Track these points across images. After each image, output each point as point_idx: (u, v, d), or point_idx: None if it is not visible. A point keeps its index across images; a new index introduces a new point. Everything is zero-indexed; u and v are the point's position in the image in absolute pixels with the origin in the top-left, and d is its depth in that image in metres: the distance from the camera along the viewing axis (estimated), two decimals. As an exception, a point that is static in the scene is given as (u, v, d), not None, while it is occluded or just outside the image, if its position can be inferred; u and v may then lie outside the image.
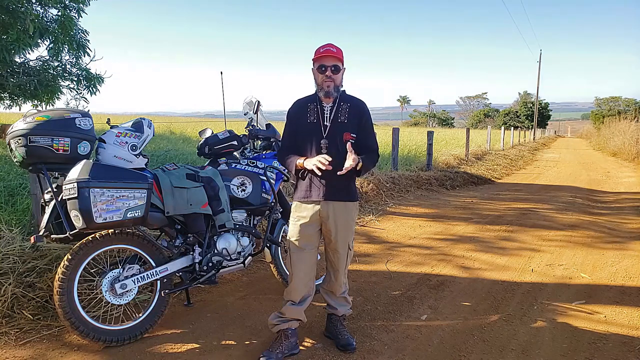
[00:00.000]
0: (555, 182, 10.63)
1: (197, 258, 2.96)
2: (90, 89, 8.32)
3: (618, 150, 18.76)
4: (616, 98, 62.78)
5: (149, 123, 2.91)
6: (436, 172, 9.83)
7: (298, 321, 2.66)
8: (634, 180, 11.02)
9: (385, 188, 7.71)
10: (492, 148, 16.99)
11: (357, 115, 2.60)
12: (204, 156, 3.33)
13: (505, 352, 2.71)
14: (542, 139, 34.14)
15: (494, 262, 4.42)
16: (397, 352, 2.69)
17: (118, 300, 2.66)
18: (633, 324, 3.10)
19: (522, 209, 7.09)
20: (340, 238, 2.61)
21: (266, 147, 3.57)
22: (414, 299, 3.48)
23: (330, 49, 2.52)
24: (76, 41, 7.77)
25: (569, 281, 3.93)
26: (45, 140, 2.46)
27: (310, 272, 2.64)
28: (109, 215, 2.46)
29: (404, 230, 5.64)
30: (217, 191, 2.98)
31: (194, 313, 3.15)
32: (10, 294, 2.87)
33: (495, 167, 12.57)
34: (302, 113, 2.63)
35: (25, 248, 3.24)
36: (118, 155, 2.69)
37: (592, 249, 4.91)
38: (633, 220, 6.34)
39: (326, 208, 2.57)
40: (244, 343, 2.77)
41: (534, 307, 3.37)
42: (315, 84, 2.61)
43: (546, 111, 60.31)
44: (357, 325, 3.01)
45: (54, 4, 7.43)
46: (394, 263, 4.34)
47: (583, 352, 2.72)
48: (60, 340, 2.72)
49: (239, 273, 3.89)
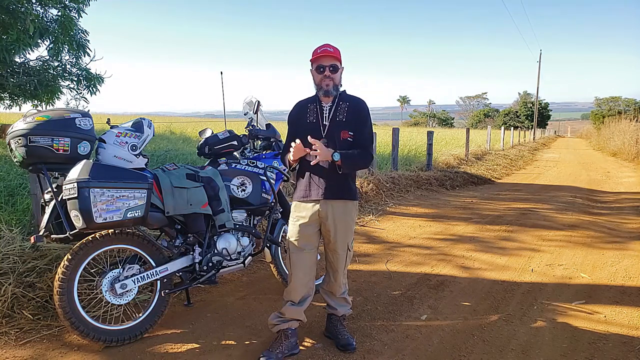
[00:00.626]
0: (555, 182, 10.63)
1: (197, 258, 2.96)
2: (90, 89, 8.32)
3: (618, 150, 18.76)
4: (616, 98, 62.76)
5: (149, 123, 2.91)
6: (436, 172, 9.83)
7: (298, 321, 2.66)
8: (634, 180, 11.02)
9: (385, 188, 7.72)
10: (492, 148, 17.00)
11: (355, 114, 2.60)
12: (204, 156, 3.34)
13: (505, 352, 2.71)
14: (542, 139, 34.14)
15: (493, 262, 4.42)
16: (397, 352, 2.69)
17: (118, 300, 2.66)
18: (633, 324, 3.10)
19: (522, 209, 7.09)
20: (339, 238, 2.61)
21: (266, 147, 3.57)
22: (414, 299, 3.48)
23: (327, 49, 2.52)
24: (76, 41, 7.76)
25: (568, 281, 3.94)
26: (45, 140, 2.46)
27: (309, 272, 2.64)
28: (109, 215, 2.46)
29: (404, 230, 5.64)
30: (217, 191, 2.99)
31: (194, 313, 3.15)
32: (10, 294, 2.87)
33: (495, 167, 12.57)
34: (303, 114, 2.65)
35: (25, 248, 3.24)
36: (118, 155, 2.69)
37: (592, 249, 4.91)
38: (633, 220, 6.34)
39: (325, 208, 2.57)
40: (244, 343, 2.77)
41: (533, 307, 3.37)
42: (315, 85, 2.61)
43: (546, 111, 60.31)
44: (357, 325, 3.01)
45: (54, 4, 7.42)
46: (394, 263, 4.34)
47: (583, 352, 2.72)
48: (60, 340, 2.72)
49: (239, 273, 3.89)
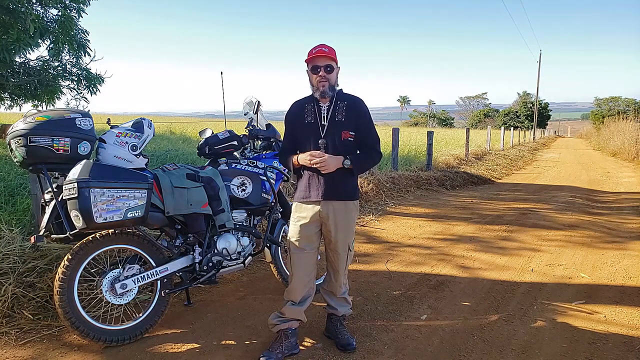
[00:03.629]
0: (555, 182, 10.63)
1: (197, 258, 2.96)
2: (90, 89, 8.32)
3: (618, 150, 18.76)
4: (616, 98, 62.78)
5: (149, 123, 2.92)
6: (436, 172, 9.83)
7: (298, 321, 2.66)
8: (634, 180, 11.02)
9: (385, 188, 7.72)
10: (492, 148, 17.00)
11: (354, 113, 2.59)
12: (204, 156, 3.34)
13: (505, 352, 2.71)
14: (541, 139, 34.15)
15: (493, 262, 4.42)
16: (397, 352, 2.69)
17: (118, 300, 2.66)
18: (633, 323, 3.10)
19: (522, 209, 7.09)
20: (340, 239, 2.61)
21: (266, 147, 3.57)
22: (414, 299, 3.48)
23: (322, 49, 2.51)
24: (76, 41, 7.77)
25: (568, 281, 3.94)
26: (45, 140, 2.47)
27: (310, 272, 2.64)
28: (109, 215, 2.46)
29: (404, 230, 5.65)
30: (217, 191, 2.99)
31: (194, 313, 3.15)
32: (11, 294, 2.87)
33: (495, 167, 12.57)
34: (300, 114, 2.64)
35: (26, 248, 3.24)
36: (118, 155, 2.69)
37: (591, 248, 4.91)
38: (633, 220, 6.35)
39: (326, 208, 2.57)
40: (244, 343, 2.77)
41: (533, 307, 3.37)
42: (311, 85, 2.60)
43: (546, 111, 60.32)
44: (357, 325, 3.01)
45: (54, 4, 7.42)
46: (394, 263, 4.34)
47: (583, 352, 2.72)
48: (60, 340, 2.72)
49: (239, 273, 3.89)
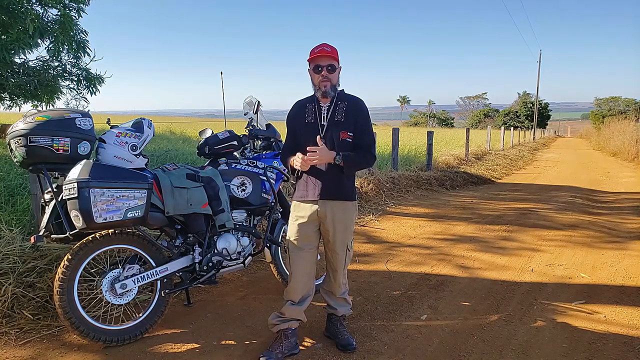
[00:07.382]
0: (555, 182, 10.63)
1: (197, 258, 2.96)
2: (90, 89, 8.32)
3: (618, 150, 18.76)
4: (616, 98, 62.81)
5: (149, 123, 2.91)
6: (436, 172, 9.84)
7: (298, 321, 2.66)
8: (634, 180, 11.02)
9: (385, 188, 7.72)
10: (492, 148, 17.00)
11: (354, 114, 2.59)
12: (204, 156, 3.34)
13: (505, 352, 2.71)
14: (541, 139, 34.15)
15: (493, 262, 4.42)
16: (397, 352, 2.69)
17: (118, 300, 2.66)
18: (633, 323, 3.10)
19: (522, 209, 7.09)
20: (338, 238, 2.61)
21: (266, 147, 3.57)
22: (414, 299, 3.48)
23: (324, 48, 2.51)
24: (76, 41, 7.77)
25: (568, 281, 3.94)
26: (45, 140, 2.46)
27: (309, 272, 2.64)
28: (109, 215, 2.46)
29: (404, 230, 5.64)
30: (217, 191, 2.99)
31: (194, 313, 3.15)
32: (11, 294, 2.87)
33: (495, 167, 12.57)
34: (301, 114, 2.64)
35: (25, 248, 3.24)
36: (118, 155, 2.69)
37: (591, 249, 4.91)
38: (633, 220, 6.35)
39: (324, 208, 2.56)
40: (244, 343, 2.77)
41: (533, 307, 3.37)
42: (313, 85, 2.61)
43: (546, 111, 60.35)
44: (357, 325, 3.01)
45: (54, 4, 7.42)
46: (394, 263, 4.34)
47: (583, 352, 2.72)
48: (60, 340, 2.72)
49: (239, 273, 3.89)
